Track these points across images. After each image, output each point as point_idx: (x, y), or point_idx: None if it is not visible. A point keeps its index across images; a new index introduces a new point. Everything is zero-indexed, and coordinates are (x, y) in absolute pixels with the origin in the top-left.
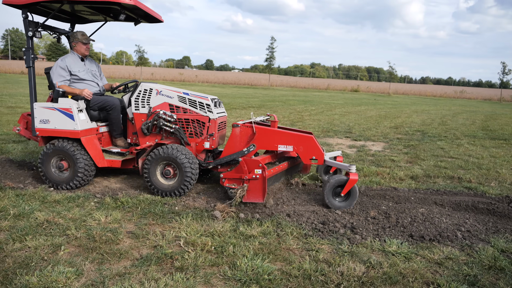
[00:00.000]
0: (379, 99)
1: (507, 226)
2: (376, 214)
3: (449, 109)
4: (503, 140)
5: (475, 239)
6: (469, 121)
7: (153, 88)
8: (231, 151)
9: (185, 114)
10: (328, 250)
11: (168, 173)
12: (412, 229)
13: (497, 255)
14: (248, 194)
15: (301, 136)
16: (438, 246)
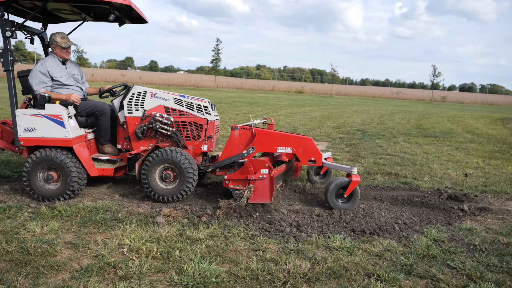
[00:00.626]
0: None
1: (438, 217)
2: (320, 212)
3: (386, 109)
4: (434, 138)
5: (410, 230)
6: (404, 120)
7: (147, 90)
8: (230, 154)
9: (181, 117)
10: (275, 249)
11: (168, 176)
12: (354, 224)
13: (430, 244)
14: (254, 195)
15: (300, 138)
16: (377, 239)
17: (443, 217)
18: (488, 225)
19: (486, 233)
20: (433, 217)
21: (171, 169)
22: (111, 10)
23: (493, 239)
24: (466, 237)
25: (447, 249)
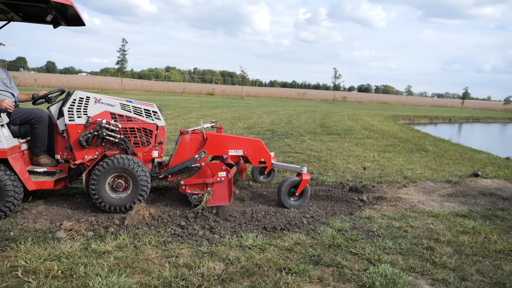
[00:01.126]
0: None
1: (341, 208)
2: (233, 212)
3: (294, 110)
4: (336, 135)
5: (317, 223)
6: (310, 119)
7: (91, 96)
8: (181, 159)
9: (130, 123)
10: (188, 253)
11: (120, 186)
12: (266, 221)
13: (335, 234)
14: (213, 198)
15: (250, 140)
16: (288, 234)
17: (345, 208)
18: (384, 212)
19: (382, 219)
20: (337, 209)
21: (123, 177)
22: (49, 10)
23: (388, 224)
24: (365, 225)
25: (350, 237)
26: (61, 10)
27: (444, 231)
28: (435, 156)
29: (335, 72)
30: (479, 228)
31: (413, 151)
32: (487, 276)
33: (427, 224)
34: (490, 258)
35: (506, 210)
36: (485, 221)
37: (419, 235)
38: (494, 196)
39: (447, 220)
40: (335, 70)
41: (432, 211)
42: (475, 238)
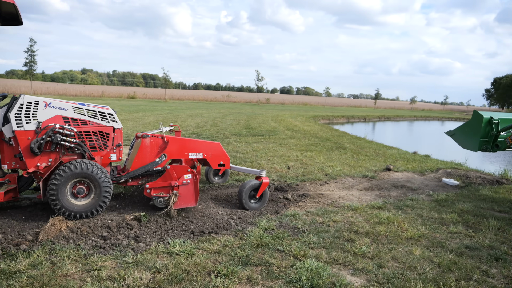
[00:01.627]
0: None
1: (268, 207)
2: (158, 218)
3: (219, 112)
4: (261, 136)
5: (245, 223)
6: (235, 121)
7: (40, 100)
8: (142, 163)
9: (84, 126)
10: (112, 265)
11: (81, 192)
12: (193, 226)
13: (262, 233)
14: (179, 200)
15: (210, 144)
16: (216, 237)
17: (272, 207)
18: (308, 209)
19: (307, 216)
20: (263, 209)
21: (84, 183)
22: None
23: (312, 220)
24: (291, 222)
25: (277, 235)
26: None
27: (362, 223)
28: (352, 153)
29: (258, 74)
30: (392, 218)
31: (332, 149)
32: (401, 262)
33: (347, 218)
34: (403, 244)
35: (415, 199)
36: (397, 211)
37: (341, 228)
38: (405, 187)
39: (365, 212)
40: (258, 73)
41: (352, 205)
42: (389, 227)
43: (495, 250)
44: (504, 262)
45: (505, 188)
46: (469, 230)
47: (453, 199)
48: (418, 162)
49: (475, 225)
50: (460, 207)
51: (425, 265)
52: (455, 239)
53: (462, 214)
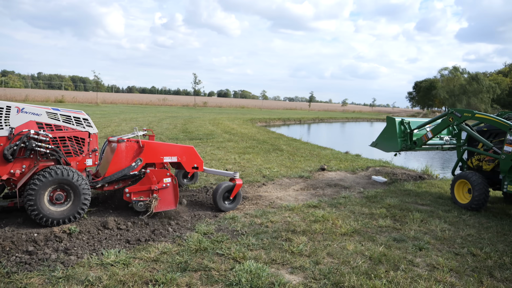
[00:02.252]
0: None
1: (206, 212)
2: (91, 228)
3: (154, 116)
4: (199, 140)
5: (183, 229)
6: (171, 125)
7: (12, 105)
8: (118, 167)
9: (59, 132)
10: (39, 282)
11: (60, 198)
12: (129, 235)
13: (201, 238)
14: (159, 203)
15: (184, 147)
16: (153, 245)
17: (210, 211)
18: (246, 211)
19: (245, 218)
20: (202, 213)
21: (62, 189)
22: None
23: (251, 222)
24: (230, 225)
25: (216, 239)
26: None
27: (299, 222)
28: (289, 155)
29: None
30: (327, 216)
31: (269, 151)
32: (336, 257)
33: (285, 218)
34: (337, 241)
35: (347, 197)
36: (332, 209)
37: (279, 228)
38: (338, 186)
39: (301, 212)
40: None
41: (289, 205)
42: (324, 225)
43: (419, 240)
44: (427, 251)
45: (426, 183)
46: (396, 223)
47: (382, 195)
48: (350, 162)
49: (401, 218)
50: (388, 202)
51: (358, 259)
52: (384, 232)
53: (390, 209)
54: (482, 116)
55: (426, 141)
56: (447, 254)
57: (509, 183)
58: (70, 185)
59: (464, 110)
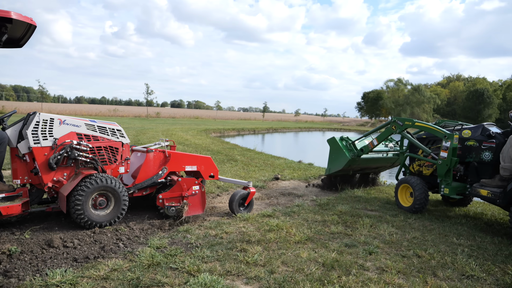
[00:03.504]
0: None
1: (160, 224)
2: (34, 247)
3: None
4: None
5: (135, 244)
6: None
7: (55, 117)
8: (146, 176)
9: (96, 142)
10: None
11: (103, 203)
12: (76, 252)
13: (154, 252)
14: (189, 209)
15: (203, 158)
16: (103, 262)
17: (162, 224)
18: (200, 223)
19: (200, 230)
20: (155, 227)
21: (104, 195)
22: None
23: (205, 234)
24: (184, 238)
25: (169, 253)
26: None
27: (254, 232)
28: (243, 165)
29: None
30: (281, 225)
31: (224, 161)
32: (290, 265)
33: (240, 228)
34: (292, 249)
35: (301, 205)
36: (286, 218)
37: (233, 239)
38: (292, 195)
39: (256, 221)
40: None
41: (243, 215)
42: (279, 234)
43: (369, 245)
44: (376, 255)
45: (375, 189)
46: (347, 229)
47: (334, 202)
48: (303, 170)
49: (352, 224)
50: (339, 209)
51: (312, 266)
52: (336, 238)
53: (341, 215)
54: (421, 124)
55: (372, 148)
56: (395, 257)
57: (445, 186)
58: (112, 192)
59: (405, 119)
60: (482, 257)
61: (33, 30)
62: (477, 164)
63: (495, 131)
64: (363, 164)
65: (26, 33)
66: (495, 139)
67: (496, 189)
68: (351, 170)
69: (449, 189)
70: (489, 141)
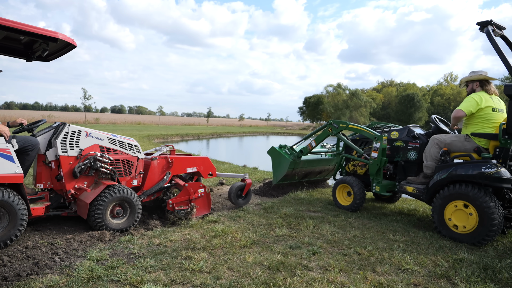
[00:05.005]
0: None
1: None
2: None
3: None
4: None
5: (73, 257)
6: None
7: (82, 130)
8: (153, 182)
9: (116, 155)
10: None
11: (120, 212)
12: (6, 270)
13: (94, 265)
14: (197, 210)
15: (201, 159)
16: (37, 279)
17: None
18: (144, 232)
19: (143, 239)
20: (95, 239)
21: (121, 205)
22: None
23: (148, 243)
24: (126, 249)
25: (110, 265)
26: None
27: (199, 238)
28: None
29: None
30: (227, 230)
31: None
32: (236, 270)
33: (184, 236)
34: (237, 254)
35: (246, 210)
36: (231, 223)
37: (178, 247)
38: None
39: (201, 228)
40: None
41: (188, 222)
42: (224, 239)
43: (312, 245)
44: (320, 254)
45: (317, 191)
46: (292, 231)
47: (278, 205)
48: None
49: (296, 226)
50: (284, 211)
51: (257, 270)
52: (281, 241)
53: (286, 218)
54: (354, 126)
55: (311, 149)
56: (337, 255)
57: (377, 184)
58: (128, 202)
59: (340, 121)
60: (415, 251)
61: (71, 49)
62: (404, 163)
63: (419, 132)
64: (306, 167)
65: (61, 50)
66: (419, 140)
67: (420, 186)
68: (296, 175)
69: (380, 187)
70: (414, 142)
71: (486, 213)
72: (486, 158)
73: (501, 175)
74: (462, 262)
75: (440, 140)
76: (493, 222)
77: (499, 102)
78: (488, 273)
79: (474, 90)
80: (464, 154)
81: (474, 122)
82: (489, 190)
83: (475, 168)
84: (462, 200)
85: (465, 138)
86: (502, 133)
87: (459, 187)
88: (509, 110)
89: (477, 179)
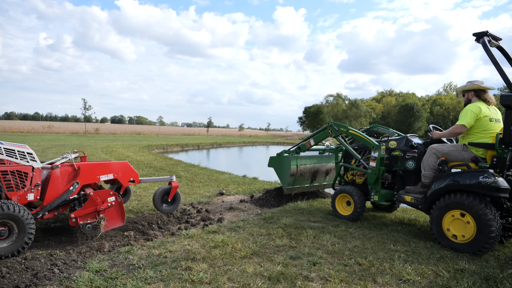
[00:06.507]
0: None
1: (100, 245)
2: None
3: (38, 145)
4: None
5: (72, 269)
6: (58, 155)
7: None
8: (55, 194)
9: (2, 166)
10: None
11: (4, 233)
12: (4, 282)
13: (93, 277)
14: (107, 222)
15: (119, 163)
16: None
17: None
18: (143, 243)
19: (142, 250)
20: (94, 249)
21: (6, 225)
22: None
23: (148, 254)
24: (125, 259)
25: (110, 276)
26: None
27: (199, 249)
28: (187, 181)
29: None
30: (227, 240)
31: None
32: (236, 281)
33: (184, 246)
34: (237, 264)
35: (246, 220)
36: (231, 233)
37: (178, 258)
38: (237, 209)
39: (201, 238)
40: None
41: (188, 233)
42: (224, 249)
43: (313, 256)
44: (320, 265)
45: (317, 201)
46: (292, 241)
47: (278, 215)
48: (247, 185)
49: (296, 236)
50: (284, 222)
51: (258, 280)
52: (281, 251)
53: (286, 228)
54: (354, 132)
55: (310, 147)
56: (337, 266)
57: (375, 193)
58: (15, 220)
59: (341, 125)
60: (416, 261)
61: None
62: (402, 173)
63: (417, 142)
64: (310, 164)
65: None
66: (417, 149)
67: (418, 195)
68: (303, 175)
69: (378, 196)
70: (412, 151)
71: (483, 220)
72: (483, 168)
73: (498, 185)
74: (464, 273)
75: (438, 149)
76: (491, 229)
77: (495, 112)
78: (489, 284)
79: (470, 100)
80: (461, 164)
81: (472, 132)
82: (486, 199)
83: (472, 177)
84: (459, 209)
85: (463, 147)
86: (499, 143)
87: (455, 197)
88: (505, 120)
89: (475, 188)
